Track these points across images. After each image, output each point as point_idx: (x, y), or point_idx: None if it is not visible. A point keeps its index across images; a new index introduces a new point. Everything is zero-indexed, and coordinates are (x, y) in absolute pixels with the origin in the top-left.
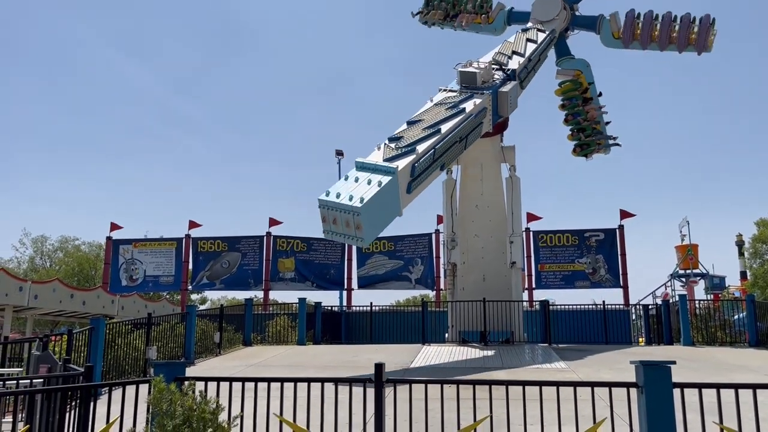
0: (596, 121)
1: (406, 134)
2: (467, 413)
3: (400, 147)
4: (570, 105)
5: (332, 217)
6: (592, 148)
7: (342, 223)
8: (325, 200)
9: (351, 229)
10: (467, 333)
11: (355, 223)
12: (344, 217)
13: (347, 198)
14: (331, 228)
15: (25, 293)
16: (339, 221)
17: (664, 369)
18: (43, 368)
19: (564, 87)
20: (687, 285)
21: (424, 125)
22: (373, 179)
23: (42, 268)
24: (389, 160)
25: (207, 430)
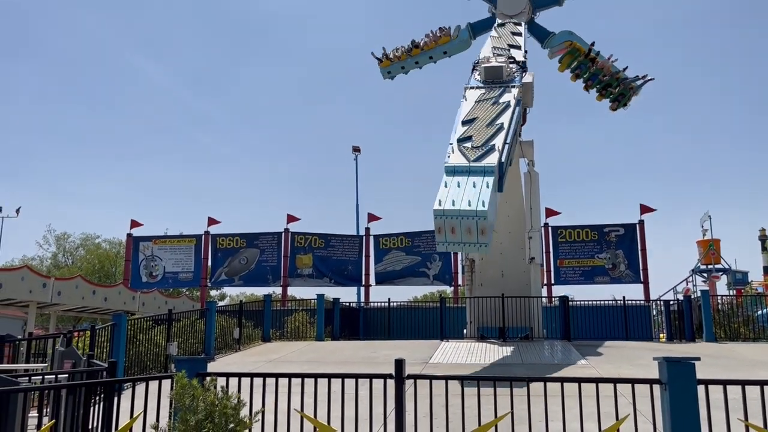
0: (614, 72)
1: (472, 133)
2: (488, 410)
3: (477, 146)
4: (582, 72)
5: (450, 226)
6: (628, 96)
7: (462, 232)
8: (441, 210)
9: (473, 235)
10: (486, 329)
11: (478, 228)
12: (465, 224)
13: (466, 204)
14: (447, 239)
15: (49, 290)
16: (458, 230)
17: (688, 365)
18: (67, 364)
19: (564, 61)
20: (709, 280)
21: (483, 122)
22: (477, 182)
23: (64, 265)
24: (477, 160)
25: (229, 425)
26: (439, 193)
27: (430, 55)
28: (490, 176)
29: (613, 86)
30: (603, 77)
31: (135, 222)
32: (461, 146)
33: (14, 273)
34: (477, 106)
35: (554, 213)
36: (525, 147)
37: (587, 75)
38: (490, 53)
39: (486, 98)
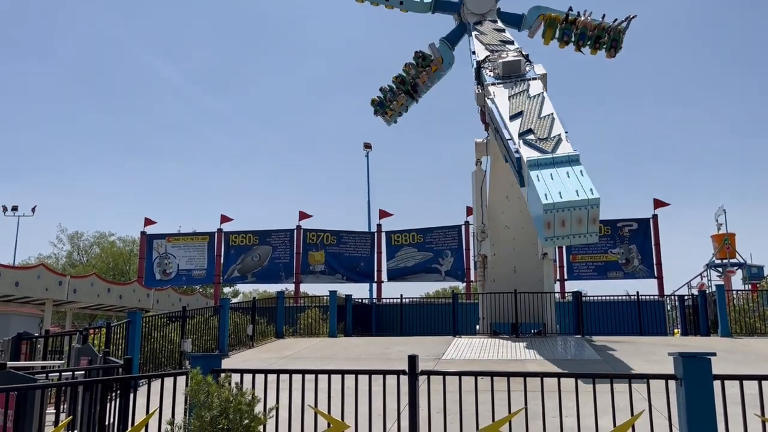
0: (597, 23)
1: (530, 126)
2: (501, 405)
3: (544, 138)
4: (568, 37)
5: (560, 219)
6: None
7: (572, 223)
8: (552, 203)
9: (583, 225)
10: (498, 325)
11: (590, 217)
12: (576, 215)
13: (574, 194)
14: (557, 233)
15: (65, 288)
16: (568, 221)
17: (704, 360)
18: (83, 360)
19: (547, 35)
20: (724, 275)
21: (532, 115)
22: (568, 171)
23: (79, 263)
24: (554, 150)
25: (243, 421)
26: (539, 188)
27: (428, 86)
28: (577, 164)
29: (603, 38)
30: (590, 33)
31: (149, 220)
32: (526, 139)
33: (30, 271)
34: (514, 100)
35: None
36: None
37: (575, 38)
38: (487, 51)
39: (517, 92)
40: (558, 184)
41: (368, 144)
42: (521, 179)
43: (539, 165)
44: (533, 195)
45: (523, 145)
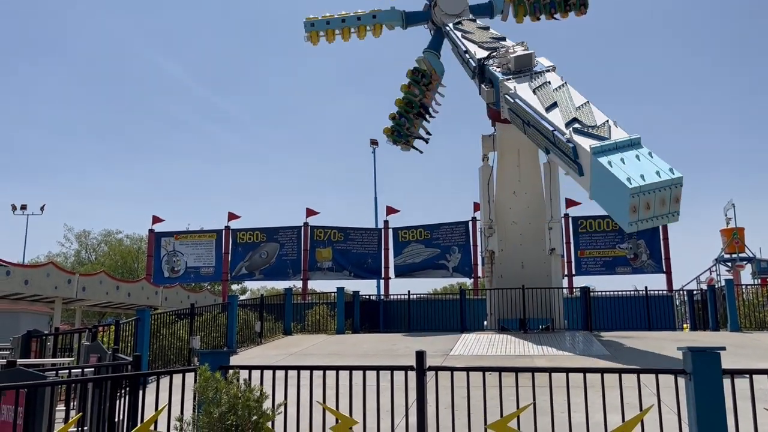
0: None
1: (574, 115)
2: (510, 401)
3: (594, 125)
4: (539, 8)
5: (644, 202)
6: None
7: (656, 204)
8: (637, 187)
9: (666, 206)
10: (506, 321)
11: (672, 197)
12: (659, 196)
13: (655, 175)
14: (641, 216)
15: (74, 285)
16: (652, 204)
17: (713, 355)
18: (93, 358)
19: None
20: (733, 269)
21: (568, 105)
22: (638, 154)
23: (88, 262)
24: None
25: (252, 418)
26: (617, 173)
27: (358, 17)
28: (640, 147)
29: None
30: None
31: (156, 218)
32: (576, 129)
33: (40, 269)
34: (540, 93)
35: (574, 203)
36: None
37: (546, 7)
38: (483, 49)
39: (539, 85)
40: (633, 168)
41: (375, 140)
42: (580, 168)
43: (604, 151)
44: (609, 181)
45: (575, 134)
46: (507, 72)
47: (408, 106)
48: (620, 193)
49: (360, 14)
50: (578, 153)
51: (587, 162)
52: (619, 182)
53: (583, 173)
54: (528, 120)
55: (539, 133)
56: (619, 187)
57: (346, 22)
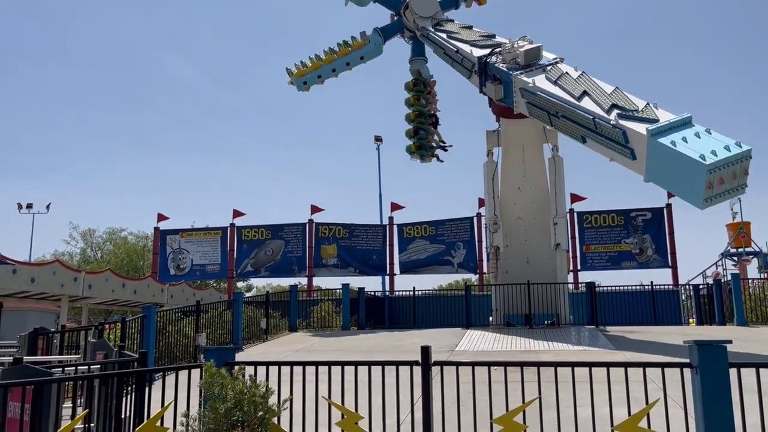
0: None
1: (613, 101)
2: (515, 396)
3: (637, 109)
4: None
5: (718, 178)
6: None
7: (728, 179)
8: (713, 163)
9: (736, 179)
10: (512, 316)
11: (741, 170)
12: (731, 170)
13: (725, 150)
14: (715, 192)
15: (80, 283)
16: (725, 178)
17: (719, 348)
18: (99, 355)
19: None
20: (739, 264)
21: (598, 93)
22: (697, 132)
23: (93, 260)
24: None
25: (258, 413)
26: (687, 152)
27: (346, 62)
28: (692, 125)
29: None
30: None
31: (162, 215)
32: (621, 114)
33: (46, 267)
34: (563, 83)
35: (579, 198)
36: (549, 132)
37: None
38: (478, 48)
39: (558, 76)
40: (700, 145)
41: (379, 137)
42: (632, 152)
43: (661, 132)
44: (675, 161)
45: (621, 119)
46: (515, 67)
47: (422, 118)
48: (693, 171)
49: (347, 58)
50: (629, 137)
51: (642, 145)
52: (691, 161)
53: (636, 157)
54: (557, 111)
55: (573, 122)
56: (691, 166)
57: (336, 70)
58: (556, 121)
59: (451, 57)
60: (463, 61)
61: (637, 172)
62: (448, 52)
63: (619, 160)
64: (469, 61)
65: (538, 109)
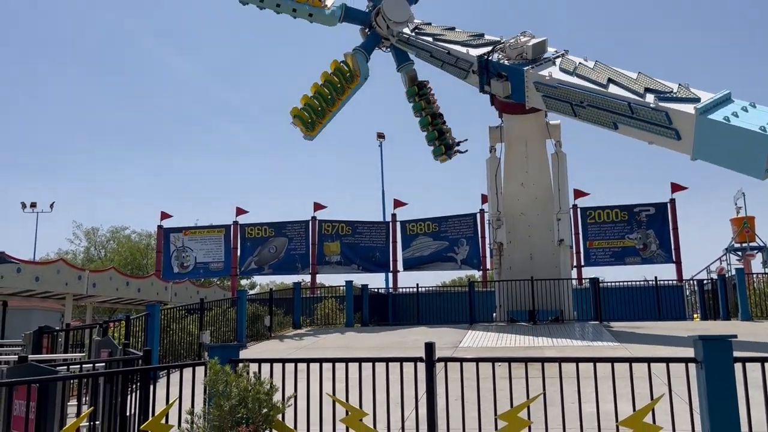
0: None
1: (643, 85)
2: (519, 391)
3: (671, 90)
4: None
5: None
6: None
7: None
8: None
9: None
10: (515, 312)
11: None
12: None
13: None
14: None
15: (84, 282)
16: None
17: (724, 343)
18: (104, 353)
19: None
20: (743, 259)
21: (625, 78)
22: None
23: (97, 258)
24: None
25: (262, 410)
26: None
27: (293, 7)
28: (733, 101)
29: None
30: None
31: (165, 214)
32: (659, 96)
33: (50, 266)
34: (582, 73)
35: (583, 194)
36: (552, 128)
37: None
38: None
39: (574, 67)
40: (752, 119)
41: (381, 134)
42: (677, 133)
43: (708, 110)
44: (729, 136)
45: (661, 101)
46: (523, 62)
47: (437, 119)
48: (754, 144)
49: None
50: (673, 118)
51: (689, 124)
52: (751, 134)
53: (681, 137)
54: (582, 101)
55: (602, 110)
56: (751, 139)
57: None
58: (580, 110)
59: (440, 59)
60: (457, 62)
61: (683, 152)
62: (437, 55)
63: (659, 142)
64: (465, 62)
65: (558, 101)
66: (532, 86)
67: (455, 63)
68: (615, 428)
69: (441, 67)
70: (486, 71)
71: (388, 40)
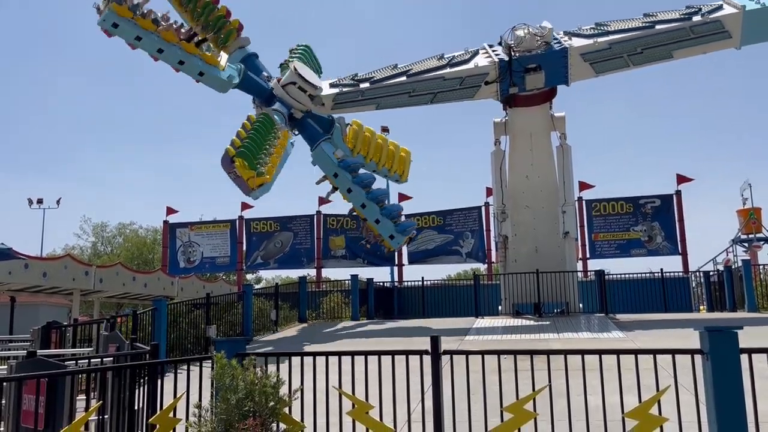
0: None
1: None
2: (525, 384)
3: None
4: None
5: None
6: None
7: None
8: None
9: None
10: (521, 305)
11: None
12: None
13: None
14: None
15: (91, 277)
16: None
17: (730, 334)
18: (111, 347)
19: None
20: (750, 250)
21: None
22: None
23: (104, 254)
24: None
25: (269, 404)
26: None
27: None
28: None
29: None
30: None
31: (170, 209)
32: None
33: (57, 262)
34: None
35: (588, 186)
36: (556, 120)
37: None
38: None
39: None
40: None
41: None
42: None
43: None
44: None
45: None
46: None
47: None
48: None
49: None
50: (725, 23)
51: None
52: None
53: (732, 35)
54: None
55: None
56: None
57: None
58: (636, 57)
59: (428, 93)
60: (464, 83)
61: (732, 47)
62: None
63: (712, 48)
64: (476, 77)
65: (611, 61)
66: (578, 60)
67: (460, 85)
68: (621, 420)
69: (430, 102)
70: (510, 72)
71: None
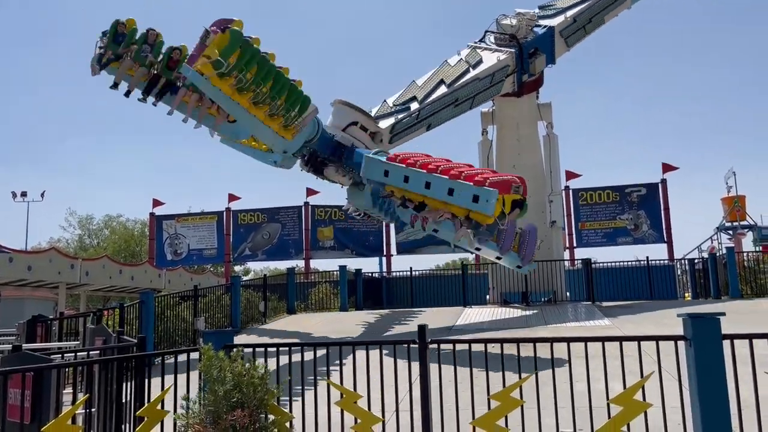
0: None
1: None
2: (512, 372)
3: None
4: None
5: None
6: None
7: None
8: None
9: None
10: (509, 294)
11: None
12: None
13: None
14: None
15: (77, 271)
16: None
17: (713, 320)
18: (98, 340)
19: None
20: (734, 237)
21: None
22: None
23: (90, 247)
24: None
25: (257, 395)
26: None
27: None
28: None
29: None
30: None
31: (157, 201)
32: None
33: (42, 255)
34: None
35: (575, 175)
36: (543, 109)
37: None
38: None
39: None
40: None
41: None
42: None
43: None
44: None
45: None
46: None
47: None
48: None
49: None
50: None
51: None
52: None
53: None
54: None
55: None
56: None
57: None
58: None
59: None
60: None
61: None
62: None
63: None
64: (501, 72)
65: (576, 33)
66: (558, 38)
67: (491, 84)
68: (606, 406)
69: (470, 107)
70: (521, 60)
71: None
